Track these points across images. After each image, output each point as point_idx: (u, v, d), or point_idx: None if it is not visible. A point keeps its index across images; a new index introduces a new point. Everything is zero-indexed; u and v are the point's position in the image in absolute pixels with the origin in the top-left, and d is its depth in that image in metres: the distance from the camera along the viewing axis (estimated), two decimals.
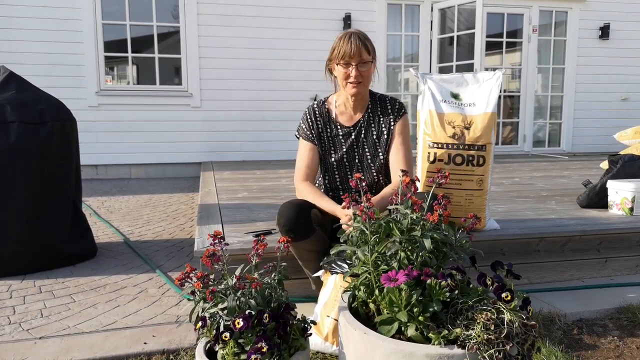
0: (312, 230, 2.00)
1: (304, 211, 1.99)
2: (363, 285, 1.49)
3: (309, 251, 2.06)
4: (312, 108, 2.27)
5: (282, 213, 1.98)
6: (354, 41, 2.05)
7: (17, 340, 1.99)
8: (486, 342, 1.22)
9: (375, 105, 2.26)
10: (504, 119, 7.73)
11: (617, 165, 3.25)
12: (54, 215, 2.85)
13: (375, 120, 2.24)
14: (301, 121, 2.28)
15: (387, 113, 2.25)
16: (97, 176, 6.33)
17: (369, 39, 2.12)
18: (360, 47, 2.05)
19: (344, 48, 2.06)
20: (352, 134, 2.23)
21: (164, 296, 2.46)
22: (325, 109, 2.26)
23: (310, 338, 1.77)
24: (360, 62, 2.07)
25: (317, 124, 2.24)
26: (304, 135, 2.25)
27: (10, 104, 2.75)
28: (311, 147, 2.23)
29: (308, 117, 2.25)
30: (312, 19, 6.63)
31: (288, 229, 1.94)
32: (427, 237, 1.41)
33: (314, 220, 2.04)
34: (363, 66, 2.08)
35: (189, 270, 1.51)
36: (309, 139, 2.23)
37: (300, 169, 2.22)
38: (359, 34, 2.09)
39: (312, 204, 2.08)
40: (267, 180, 4.72)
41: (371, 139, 2.23)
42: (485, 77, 2.62)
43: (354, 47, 2.04)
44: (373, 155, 2.23)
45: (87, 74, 6.11)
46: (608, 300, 2.37)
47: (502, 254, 2.58)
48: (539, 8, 7.39)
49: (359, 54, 2.05)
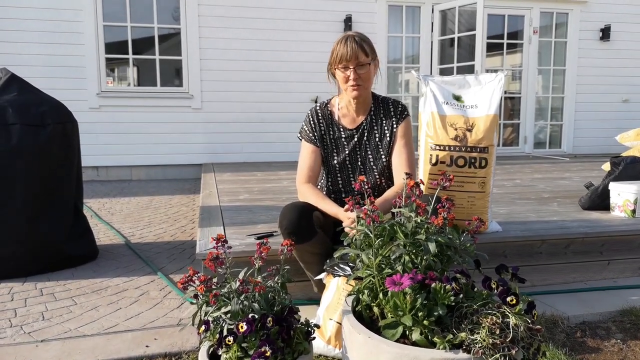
0: (314, 232, 2.00)
1: (306, 214, 1.98)
2: (367, 289, 1.48)
3: (311, 254, 2.05)
4: (315, 110, 2.26)
5: (284, 215, 1.97)
6: (350, 44, 2.03)
7: (18, 343, 1.99)
8: (491, 347, 1.22)
9: (378, 108, 2.25)
10: (504, 120, 7.73)
11: (619, 167, 3.24)
12: (55, 217, 2.85)
13: (378, 123, 2.23)
14: (304, 123, 2.27)
15: (390, 115, 2.24)
16: (98, 178, 6.32)
17: (367, 41, 2.09)
18: (356, 49, 2.03)
19: (341, 51, 2.05)
20: (355, 136, 2.22)
21: (165, 299, 2.46)
22: (328, 111, 2.25)
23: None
24: (358, 64, 2.05)
25: (320, 126, 2.23)
26: (306, 137, 2.24)
27: (12, 106, 2.75)
28: (313, 149, 2.22)
29: (311, 119, 2.24)
30: (313, 21, 6.63)
31: (290, 232, 1.93)
32: (431, 240, 1.41)
33: (316, 222, 2.03)
34: (361, 68, 2.07)
35: (192, 274, 1.50)
36: (311, 141, 2.22)
37: (302, 171, 2.21)
38: (356, 36, 2.07)
39: (314, 206, 2.07)
40: (268, 182, 4.72)
41: (374, 142, 2.23)
42: (487, 79, 2.62)
43: (349, 50, 2.03)
44: (375, 157, 2.23)
45: (88, 75, 6.12)
46: (611, 302, 2.36)
47: (504, 256, 2.58)
48: (540, 9, 7.40)
49: (355, 57, 2.04)
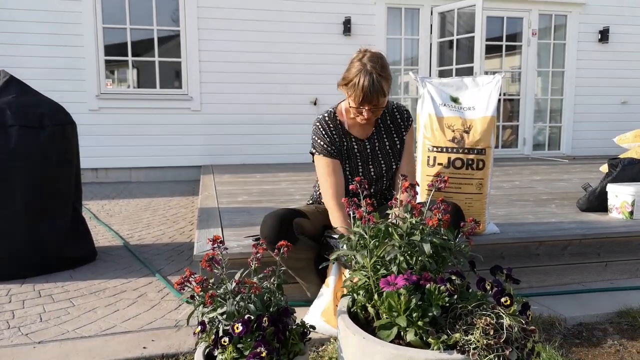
0: (295, 239, 1.98)
1: (286, 221, 1.98)
2: (362, 290, 1.48)
3: (296, 260, 2.04)
4: (325, 121, 2.13)
5: (264, 224, 1.98)
6: (370, 87, 1.89)
7: (15, 344, 1.99)
8: (485, 347, 1.22)
9: (385, 115, 2.21)
10: (503, 122, 7.74)
11: (616, 169, 3.25)
12: (54, 219, 2.85)
13: (387, 131, 2.20)
14: (315, 137, 2.13)
15: (398, 123, 2.22)
16: (97, 180, 6.33)
17: (386, 76, 1.94)
18: (376, 93, 1.91)
19: (358, 92, 1.91)
20: (368, 147, 2.17)
21: (163, 300, 2.46)
22: (337, 121, 2.14)
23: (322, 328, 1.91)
24: (374, 107, 1.98)
25: (334, 138, 2.11)
26: (324, 152, 2.10)
27: (11, 108, 2.75)
28: (335, 163, 2.10)
29: (324, 132, 2.11)
30: (312, 23, 6.64)
31: (269, 241, 1.92)
32: (426, 241, 1.41)
33: (298, 229, 2.02)
34: (376, 109, 2.00)
35: (188, 275, 1.50)
36: (331, 155, 2.10)
37: (332, 189, 2.05)
38: (377, 72, 1.90)
39: (295, 212, 2.06)
40: (266, 183, 4.73)
41: (384, 150, 2.19)
42: (485, 81, 2.63)
43: (369, 94, 1.90)
44: (388, 166, 2.19)
45: (87, 77, 6.12)
46: (608, 304, 2.36)
47: (502, 257, 2.58)
48: (539, 12, 7.41)
49: (375, 100, 1.94)
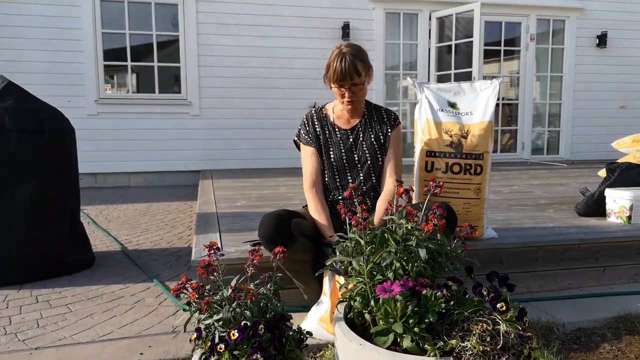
0: (293, 240, 1.98)
1: (284, 222, 1.99)
2: (359, 296, 1.48)
3: (293, 261, 2.02)
4: (311, 114, 2.32)
5: (262, 224, 1.99)
6: (345, 65, 2.05)
7: (12, 351, 1.98)
8: (482, 354, 1.21)
9: (371, 113, 2.32)
10: (502, 126, 7.75)
11: (614, 174, 3.25)
12: (52, 224, 2.85)
13: (372, 125, 2.29)
14: (300, 127, 2.32)
15: (384, 121, 2.31)
16: (96, 184, 6.33)
17: (361, 57, 2.11)
18: (350, 71, 2.06)
19: (335, 71, 2.08)
20: (350, 137, 2.28)
21: (161, 306, 2.46)
22: (323, 114, 2.32)
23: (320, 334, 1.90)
24: (352, 84, 2.11)
25: (315, 127, 2.29)
26: (304, 140, 2.29)
27: (9, 113, 2.76)
28: (312, 151, 2.26)
29: (306, 122, 2.30)
30: (311, 28, 6.66)
31: (267, 240, 1.94)
32: (422, 247, 1.41)
33: (297, 229, 2.03)
34: (355, 87, 2.13)
35: (185, 281, 1.50)
36: (308, 143, 2.27)
37: (306, 176, 2.25)
38: (351, 53, 2.08)
39: (293, 213, 2.09)
40: (265, 188, 4.73)
41: (369, 141, 2.27)
42: (482, 86, 2.64)
43: (344, 71, 2.06)
44: (373, 156, 2.26)
45: (86, 82, 6.14)
46: (607, 309, 2.36)
47: (501, 262, 2.58)
48: (537, 17, 7.43)
49: (350, 78, 2.08)
